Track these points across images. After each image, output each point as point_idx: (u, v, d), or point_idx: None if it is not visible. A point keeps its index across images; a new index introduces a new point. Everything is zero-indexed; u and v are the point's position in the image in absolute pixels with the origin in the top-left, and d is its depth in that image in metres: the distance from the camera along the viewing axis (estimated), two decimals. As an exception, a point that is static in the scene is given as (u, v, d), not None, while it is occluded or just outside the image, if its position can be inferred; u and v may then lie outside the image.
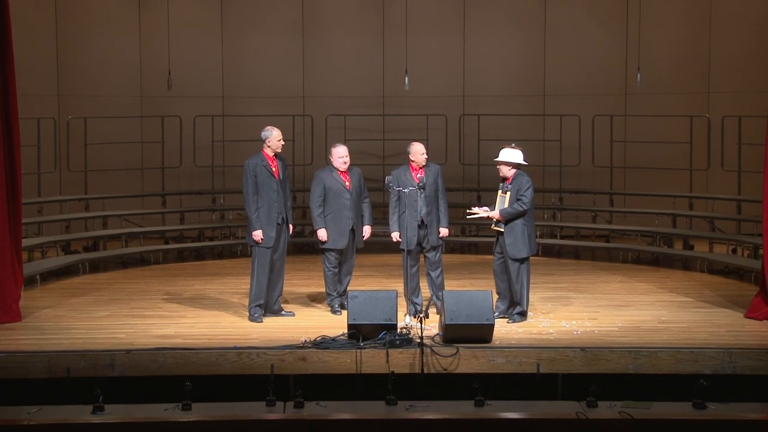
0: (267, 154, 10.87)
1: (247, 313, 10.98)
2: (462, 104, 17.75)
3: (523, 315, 10.76)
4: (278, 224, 10.88)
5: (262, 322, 10.80)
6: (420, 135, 16.66)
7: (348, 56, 17.85)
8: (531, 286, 10.99)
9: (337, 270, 11.31)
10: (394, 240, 11.10)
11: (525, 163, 10.78)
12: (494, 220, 10.69)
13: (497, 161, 10.76)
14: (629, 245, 15.60)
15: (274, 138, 10.88)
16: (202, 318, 11.07)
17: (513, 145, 10.87)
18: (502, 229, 10.66)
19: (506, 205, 10.63)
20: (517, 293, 10.72)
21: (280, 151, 10.94)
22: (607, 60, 17.56)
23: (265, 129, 10.93)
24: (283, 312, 11.12)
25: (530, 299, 11.05)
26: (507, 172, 10.71)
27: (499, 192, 10.75)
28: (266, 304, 11.00)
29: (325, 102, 17.63)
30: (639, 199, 16.90)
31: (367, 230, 11.30)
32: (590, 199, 16.94)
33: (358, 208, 11.22)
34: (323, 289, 11.52)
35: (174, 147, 17.07)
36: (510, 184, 10.70)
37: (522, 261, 10.68)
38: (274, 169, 10.86)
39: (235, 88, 17.75)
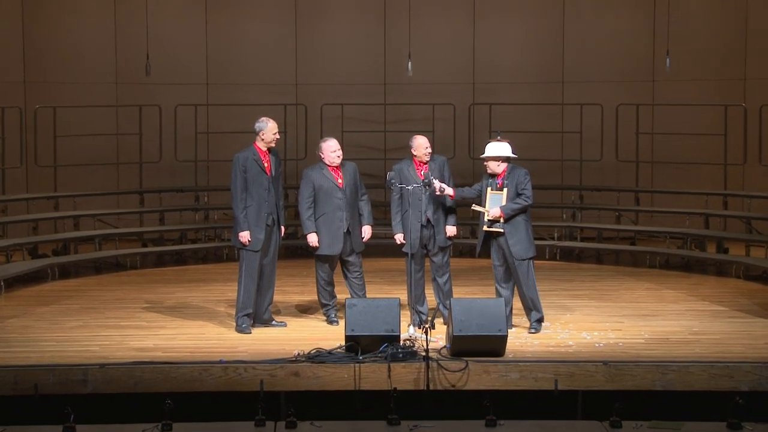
0: (259, 148, 10.87)
1: (234, 324, 10.98)
2: (472, 92, 17.75)
3: (541, 322, 10.79)
4: (268, 225, 10.88)
5: (250, 333, 10.81)
6: (425, 126, 16.66)
7: (345, 39, 17.85)
8: (548, 293, 11.01)
9: (331, 281, 11.28)
10: (398, 242, 11.09)
11: (514, 155, 10.78)
12: (487, 219, 10.65)
13: (485, 157, 10.74)
14: (657, 248, 15.60)
15: (268, 131, 10.87)
16: (184, 329, 11.08)
17: (498, 137, 10.86)
18: (502, 230, 10.65)
19: (503, 203, 10.62)
20: (531, 298, 10.72)
21: (274, 145, 10.94)
22: (632, 43, 17.55)
23: (260, 120, 10.93)
24: (273, 322, 11.13)
25: (547, 307, 11.05)
26: (497, 167, 10.70)
27: (489, 190, 10.71)
28: (255, 314, 11.00)
29: (321, 90, 17.63)
30: (668, 198, 16.89)
31: (366, 231, 11.28)
32: (614, 197, 16.94)
33: (353, 207, 11.18)
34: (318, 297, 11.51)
35: (153, 139, 17.07)
36: (505, 179, 10.68)
37: (529, 261, 10.70)
38: (266, 164, 10.86)
39: (221, 74, 17.75)
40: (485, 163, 10.75)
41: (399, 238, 11.06)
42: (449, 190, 10.79)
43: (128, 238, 16.26)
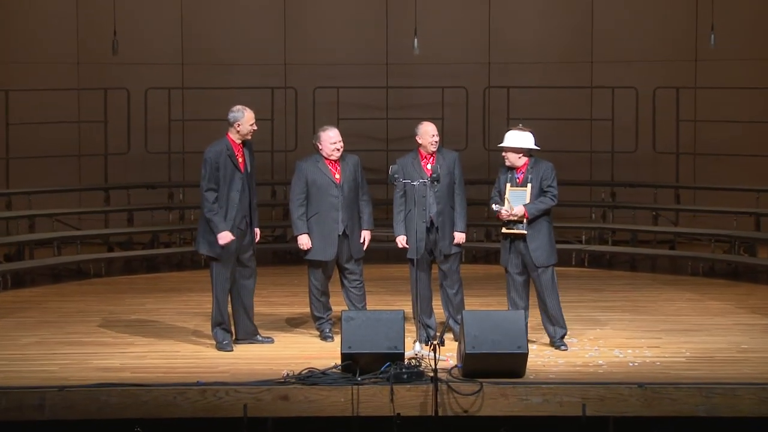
0: (233, 141, 10.86)
1: (214, 341, 11.00)
2: (487, 73, 17.75)
3: (564, 338, 10.84)
4: (241, 229, 10.87)
5: (232, 350, 10.82)
6: (433, 112, 16.67)
7: (342, 12, 17.86)
8: (575, 304, 11.03)
9: (326, 291, 11.28)
10: (399, 246, 11.10)
11: (537, 147, 10.80)
12: (505, 220, 10.67)
13: (504, 147, 10.75)
14: (700, 253, 15.60)
15: (245, 121, 10.85)
16: (155, 346, 11.10)
17: (520, 125, 10.88)
18: (525, 231, 10.67)
19: (528, 200, 10.65)
20: (554, 311, 10.76)
21: (250, 137, 10.94)
22: (672, 17, 17.55)
23: (235, 109, 10.90)
24: (259, 337, 11.14)
25: (574, 321, 11.10)
26: (517, 160, 10.74)
27: (508, 186, 10.73)
28: (236, 329, 11.02)
29: (313, 71, 17.63)
30: (713, 195, 16.88)
31: (365, 236, 11.28)
32: (650, 194, 16.94)
33: (352, 207, 11.15)
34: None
35: (120, 128, 17.07)
36: (527, 173, 10.69)
37: (552, 268, 10.75)
38: (240, 159, 10.86)
39: (198, 53, 17.75)
40: (503, 154, 10.78)
41: (400, 241, 11.06)
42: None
43: (91, 242, 16.26)
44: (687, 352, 10.75)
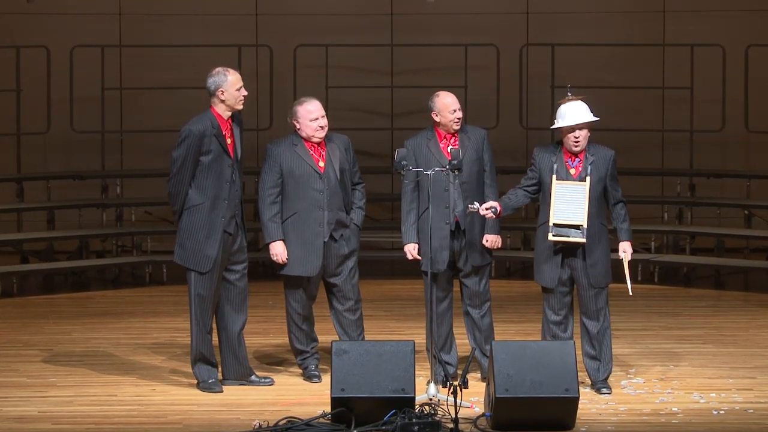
0: (219, 115, 10.86)
1: (196, 380, 11.04)
2: (525, 27, 17.76)
3: (608, 379, 10.91)
4: (230, 234, 10.89)
5: (221, 391, 10.81)
6: (454, 78, 16.68)
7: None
8: (642, 333, 11.00)
9: (309, 315, 11.29)
10: (410, 258, 11.12)
11: (597, 119, 10.77)
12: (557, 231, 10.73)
13: (575, 126, 10.69)
14: (807, 265, 15.67)
15: (229, 86, 10.83)
16: (85, 388, 11.11)
17: (569, 94, 10.83)
18: (584, 240, 10.67)
19: (587, 199, 10.63)
20: (604, 344, 10.81)
21: (240, 107, 10.94)
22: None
23: (213, 73, 10.87)
24: (254, 377, 11.13)
25: (639, 355, 11.11)
26: (585, 141, 10.68)
27: (554, 179, 10.68)
28: (223, 365, 11.02)
29: (294, 24, 17.64)
30: (824, 188, 16.95)
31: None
32: (741, 187, 16.95)
33: (340, 205, 11.14)
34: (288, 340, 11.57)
35: (38, 100, 17.08)
36: (584, 162, 10.67)
37: (607, 289, 10.84)
38: (229, 140, 10.88)
39: (141, 0, 17.77)
40: (570, 137, 10.67)
41: (410, 251, 11.05)
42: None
43: (0, 250, 16.27)
44: (790, 396, 10.81)
